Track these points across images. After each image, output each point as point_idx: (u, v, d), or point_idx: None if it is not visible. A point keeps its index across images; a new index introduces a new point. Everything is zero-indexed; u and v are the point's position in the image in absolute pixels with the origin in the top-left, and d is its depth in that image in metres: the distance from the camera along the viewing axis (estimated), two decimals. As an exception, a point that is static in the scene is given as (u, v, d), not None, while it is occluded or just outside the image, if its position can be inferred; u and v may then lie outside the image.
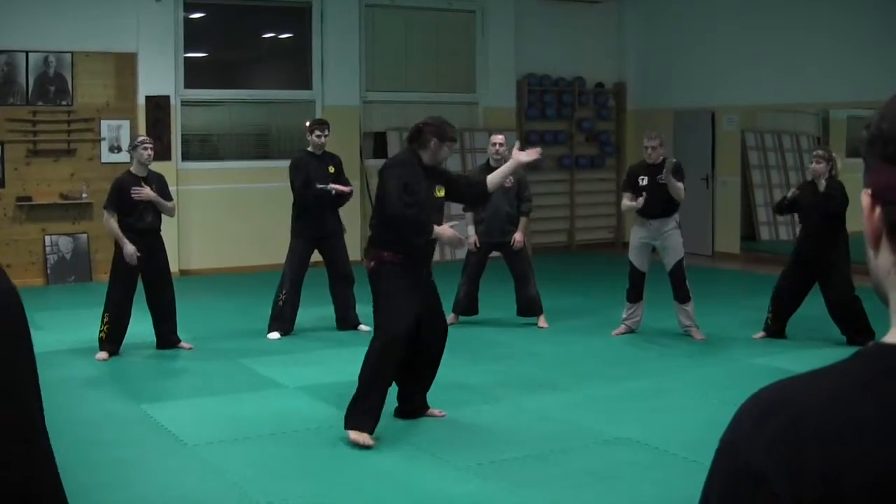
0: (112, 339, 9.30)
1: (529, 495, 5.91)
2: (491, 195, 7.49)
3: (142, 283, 9.44)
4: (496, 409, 7.70)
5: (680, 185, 9.81)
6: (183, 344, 9.66)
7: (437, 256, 13.47)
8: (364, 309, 8.91)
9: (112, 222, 9.24)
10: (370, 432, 6.68)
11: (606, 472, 6.28)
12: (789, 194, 10.01)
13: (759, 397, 1.26)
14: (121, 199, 9.23)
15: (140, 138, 9.65)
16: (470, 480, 6.16)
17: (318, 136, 10.30)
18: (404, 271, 6.82)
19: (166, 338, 9.59)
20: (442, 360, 7.32)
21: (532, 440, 6.94)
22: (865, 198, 1.25)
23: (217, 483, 6.18)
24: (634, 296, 10.21)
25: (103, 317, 9.32)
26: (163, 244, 9.54)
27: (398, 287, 6.78)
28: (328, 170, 10.27)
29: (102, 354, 9.25)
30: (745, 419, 1.24)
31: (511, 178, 10.49)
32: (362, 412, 6.68)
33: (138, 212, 9.27)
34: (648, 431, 7.05)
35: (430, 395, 7.44)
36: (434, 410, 7.43)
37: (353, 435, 6.65)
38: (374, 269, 6.82)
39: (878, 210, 1.23)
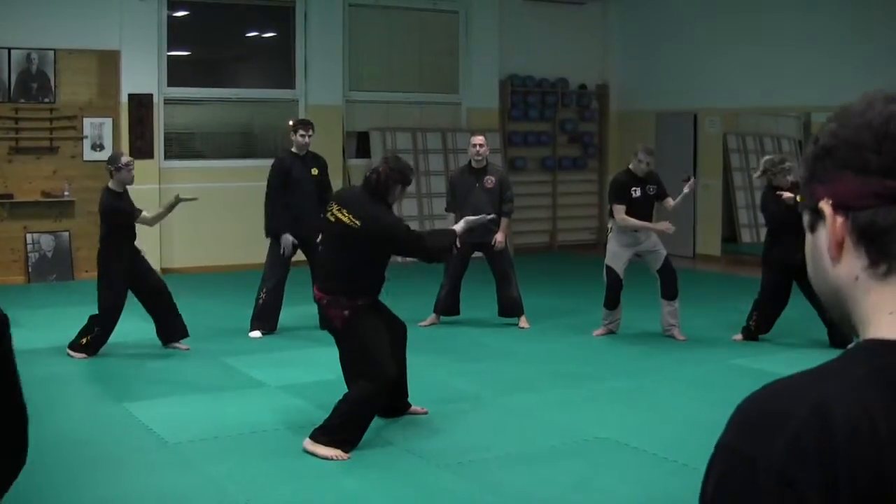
0: (94, 346, 9.29)
1: (510, 494, 5.94)
2: None
3: (140, 298, 9.48)
4: (477, 409, 7.72)
5: (669, 200, 10.09)
6: (180, 344, 9.66)
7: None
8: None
9: (151, 214, 9.52)
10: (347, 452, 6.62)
11: (586, 471, 6.31)
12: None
13: (761, 398, 1.20)
14: (119, 217, 9.22)
15: (125, 160, 9.36)
16: (450, 479, 6.18)
17: (302, 136, 10.30)
18: (375, 310, 6.87)
19: (178, 335, 9.66)
20: (424, 360, 7.36)
21: (513, 439, 6.97)
22: (827, 208, 1.25)
23: (198, 481, 6.19)
24: (613, 303, 10.25)
25: (92, 327, 9.26)
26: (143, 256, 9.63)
27: (378, 328, 6.79)
28: (311, 172, 10.27)
29: (80, 355, 9.24)
30: (752, 420, 1.19)
31: (493, 178, 10.55)
32: (344, 440, 6.56)
33: (132, 227, 9.30)
34: (628, 431, 7.08)
35: (412, 395, 7.46)
36: (416, 408, 7.46)
37: (326, 450, 6.51)
38: (351, 319, 6.73)
39: (839, 219, 1.24)
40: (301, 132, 10.32)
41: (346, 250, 6.79)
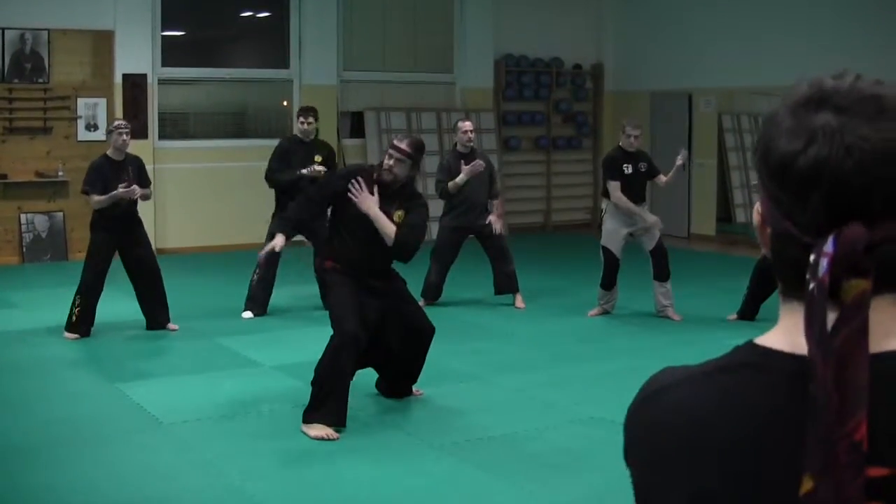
0: (83, 321, 9.27)
1: (504, 474, 5.95)
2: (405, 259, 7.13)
3: (126, 272, 9.44)
4: (472, 389, 7.74)
5: (661, 176, 10.11)
6: (170, 325, 9.64)
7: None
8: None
9: (97, 198, 9.05)
10: (338, 426, 6.60)
11: (581, 451, 6.33)
12: None
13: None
14: (98, 184, 9.12)
15: (116, 122, 9.44)
16: (445, 459, 6.20)
17: (302, 123, 10.36)
18: (346, 277, 6.84)
19: (158, 323, 9.58)
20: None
21: (508, 419, 6.98)
22: (756, 216, 1.27)
23: (192, 461, 6.19)
24: (609, 283, 10.25)
25: (74, 299, 9.27)
26: (143, 230, 9.46)
27: (342, 289, 6.78)
28: (314, 158, 10.25)
29: (72, 335, 9.23)
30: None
31: (482, 161, 10.51)
32: (325, 404, 6.56)
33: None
34: (623, 411, 7.07)
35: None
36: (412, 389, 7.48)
37: (316, 431, 6.52)
38: (319, 277, 7.22)
39: (767, 230, 1.23)
40: (301, 119, 10.40)
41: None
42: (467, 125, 10.66)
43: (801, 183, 1.13)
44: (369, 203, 6.81)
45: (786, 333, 1.21)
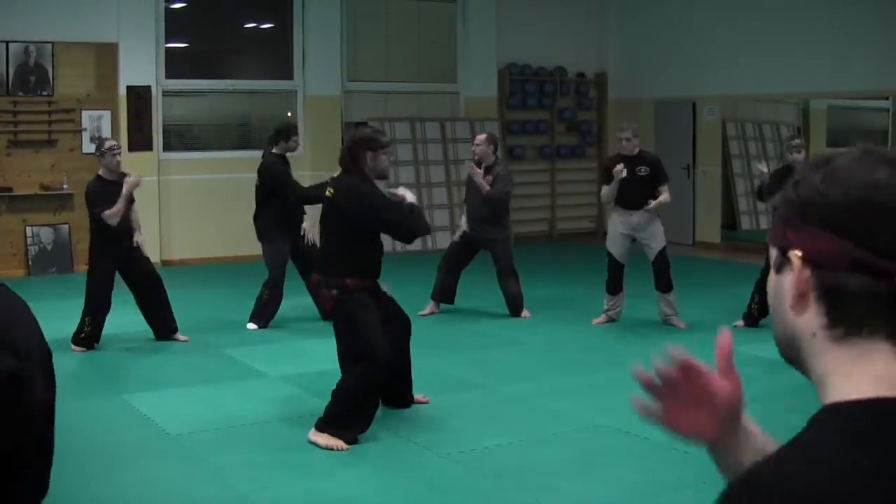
0: (91, 336, 9.31)
1: (510, 482, 5.95)
2: None
3: (130, 288, 9.45)
4: (477, 397, 7.74)
5: (664, 195, 9.92)
6: (178, 336, 9.64)
7: (419, 246, 13.49)
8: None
9: (111, 211, 8.98)
10: (352, 443, 6.60)
11: (587, 458, 6.32)
12: (761, 180, 10.20)
13: (755, 485, 1.16)
14: (103, 202, 9.11)
15: (108, 144, 9.35)
16: (452, 468, 6.20)
17: (295, 142, 10.41)
18: (369, 294, 6.80)
19: (169, 332, 9.61)
20: (424, 350, 7.37)
21: (513, 427, 6.98)
22: (796, 260, 1.25)
23: (199, 472, 6.20)
24: (614, 287, 10.26)
25: (84, 319, 9.28)
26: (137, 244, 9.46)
27: (369, 308, 6.72)
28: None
29: (80, 348, 9.24)
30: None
31: (490, 177, 10.51)
32: (346, 428, 6.56)
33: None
34: (629, 419, 7.04)
35: (413, 384, 7.47)
36: (418, 396, 7.47)
37: (327, 440, 6.53)
38: (339, 299, 6.70)
39: (807, 273, 1.24)
40: (295, 139, 10.38)
41: (331, 226, 6.85)
42: (477, 138, 10.77)
43: (886, 213, 1.20)
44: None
45: (876, 380, 1.20)
